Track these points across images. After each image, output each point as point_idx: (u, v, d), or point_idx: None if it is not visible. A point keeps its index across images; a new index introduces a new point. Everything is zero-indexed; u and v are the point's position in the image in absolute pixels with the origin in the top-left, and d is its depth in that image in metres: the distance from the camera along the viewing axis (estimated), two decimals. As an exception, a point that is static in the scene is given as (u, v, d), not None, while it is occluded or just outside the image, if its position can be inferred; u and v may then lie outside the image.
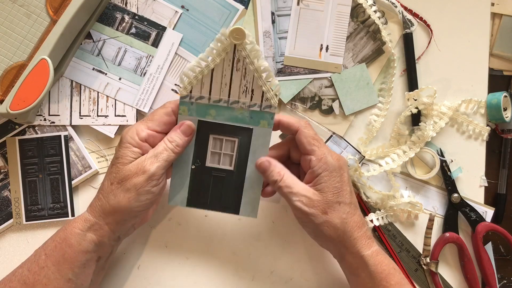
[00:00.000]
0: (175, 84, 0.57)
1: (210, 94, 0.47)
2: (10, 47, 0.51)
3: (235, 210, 0.51)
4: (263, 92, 0.47)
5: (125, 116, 0.56)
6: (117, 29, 0.56)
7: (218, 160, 0.50)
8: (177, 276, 0.57)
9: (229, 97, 0.48)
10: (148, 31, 0.56)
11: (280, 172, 0.48)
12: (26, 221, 0.56)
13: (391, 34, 0.59)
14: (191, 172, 0.50)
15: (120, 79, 0.56)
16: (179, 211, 0.57)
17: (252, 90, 0.47)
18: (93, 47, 0.56)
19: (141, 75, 0.57)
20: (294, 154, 0.51)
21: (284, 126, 0.49)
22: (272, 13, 0.58)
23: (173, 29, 0.57)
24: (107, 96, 0.56)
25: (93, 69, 0.56)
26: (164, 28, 0.57)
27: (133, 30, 0.56)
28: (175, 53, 0.57)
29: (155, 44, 0.57)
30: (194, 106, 0.48)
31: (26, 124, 0.56)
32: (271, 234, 0.58)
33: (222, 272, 0.57)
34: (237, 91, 0.47)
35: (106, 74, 0.56)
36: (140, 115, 0.57)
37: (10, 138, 0.56)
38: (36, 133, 0.56)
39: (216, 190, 0.50)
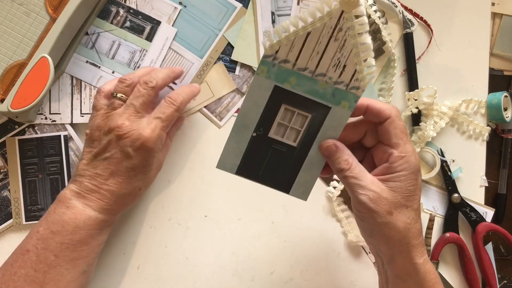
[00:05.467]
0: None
1: (297, 59, 0.41)
2: (10, 46, 0.51)
3: (286, 189, 0.46)
4: (355, 70, 0.41)
5: None
6: (111, 23, 0.56)
7: (283, 133, 0.45)
8: (177, 276, 0.57)
9: (316, 67, 0.42)
10: (143, 25, 0.57)
11: (348, 159, 0.43)
12: (26, 221, 0.56)
13: (391, 34, 0.59)
14: (250, 139, 0.45)
15: (113, 72, 0.56)
16: (179, 211, 0.57)
17: (344, 66, 0.41)
18: (87, 40, 0.56)
19: (134, 69, 0.57)
20: (369, 140, 0.46)
21: (373, 112, 0.43)
22: (272, 13, 0.58)
23: (172, 25, 0.57)
24: None
25: (87, 62, 0.56)
26: (158, 23, 0.57)
27: (127, 24, 0.56)
28: (170, 47, 0.57)
29: (149, 38, 0.57)
30: (275, 68, 0.42)
31: (27, 123, 0.56)
32: (271, 234, 0.58)
33: (222, 272, 0.57)
34: (327, 63, 0.41)
35: (99, 67, 0.56)
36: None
37: (9, 138, 0.56)
38: (36, 133, 0.56)
39: (272, 164, 0.46)
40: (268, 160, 0.46)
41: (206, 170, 0.58)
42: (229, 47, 0.58)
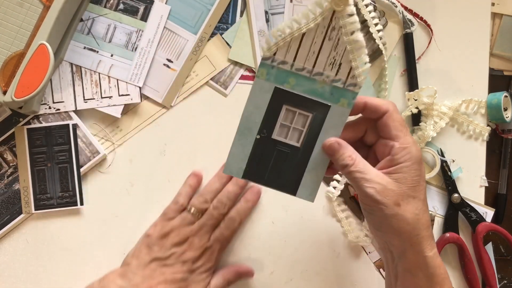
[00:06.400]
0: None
1: (294, 60, 0.43)
2: (7, 38, 0.52)
3: (292, 191, 0.46)
4: (351, 68, 0.43)
5: (129, 95, 0.57)
6: (105, 7, 0.57)
7: (286, 134, 0.45)
8: (177, 276, 0.57)
9: (313, 67, 0.43)
10: (136, 6, 0.57)
11: (352, 155, 0.43)
12: (35, 209, 0.56)
13: (382, 31, 0.58)
14: (254, 142, 0.45)
15: (112, 55, 0.57)
16: (179, 211, 0.57)
17: (340, 64, 0.43)
18: (83, 26, 0.57)
19: (132, 50, 0.57)
20: (370, 137, 0.47)
21: (370, 108, 0.44)
22: (266, 12, 0.58)
23: (165, 3, 0.57)
24: (109, 77, 0.57)
25: (85, 48, 0.57)
26: (151, 2, 0.57)
27: (121, 6, 0.57)
28: (164, 27, 0.57)
29: (144, 18, 0.57)
30: (274, 70, 0.43)
31: (32, 114, 0.56)
32: (271, 234, 0.58)
33: (222, 272, 0.57)
34: (323, 62, 0.43)
35: (97, 52, 0.57)
36: (143, 94, 0.57)
37: (18, 127, 0.56)
38: (41, 123, 0.56)
39: (277, 165, 0.46)
40: (273, 163, 0.46)
41: (207, 169, 0.58)
42: (225, 15, 0.58)
